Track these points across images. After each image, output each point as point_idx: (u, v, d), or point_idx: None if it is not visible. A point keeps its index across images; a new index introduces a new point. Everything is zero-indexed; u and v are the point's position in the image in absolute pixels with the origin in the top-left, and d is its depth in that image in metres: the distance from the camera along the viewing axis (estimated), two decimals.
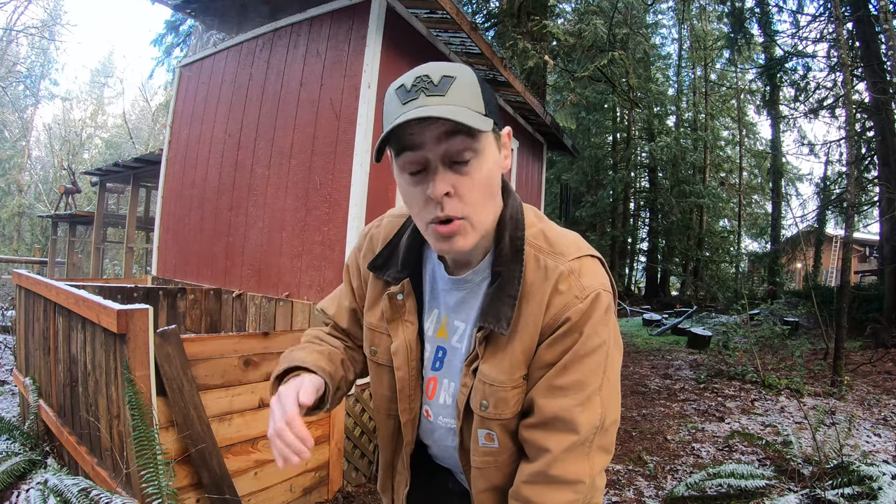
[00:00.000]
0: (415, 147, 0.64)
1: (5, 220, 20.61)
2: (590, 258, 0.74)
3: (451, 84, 0.63)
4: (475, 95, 0.65)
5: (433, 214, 0.67)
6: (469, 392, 0.76)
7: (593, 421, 0.69)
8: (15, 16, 19.13)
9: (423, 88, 0.63)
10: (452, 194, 0.65)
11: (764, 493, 2.75)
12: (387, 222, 0.89)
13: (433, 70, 0.64)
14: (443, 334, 0.81)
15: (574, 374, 0.69)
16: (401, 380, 0.83)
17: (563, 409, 0.69)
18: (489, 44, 3.89)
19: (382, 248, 0.85)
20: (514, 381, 0.72)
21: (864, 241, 19.05)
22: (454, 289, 0.79)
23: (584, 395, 0.69)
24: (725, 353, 6.72)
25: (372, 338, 0.87)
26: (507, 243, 0.73)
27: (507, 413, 0.73)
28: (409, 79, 0.65)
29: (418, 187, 0.67)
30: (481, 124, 0.62)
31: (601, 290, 0.71)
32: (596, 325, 0.69)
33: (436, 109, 0.61)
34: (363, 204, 3.06)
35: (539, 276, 0.72)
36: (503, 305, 0.70)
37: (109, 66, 33.62)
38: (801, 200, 19.17)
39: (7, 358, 5.38)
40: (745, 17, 10.38)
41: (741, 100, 19.43)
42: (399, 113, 0.63)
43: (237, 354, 2.19)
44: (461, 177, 0.65)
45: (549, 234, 0.76)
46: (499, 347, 0.73)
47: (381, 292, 0.85)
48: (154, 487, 1.70)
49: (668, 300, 17.86)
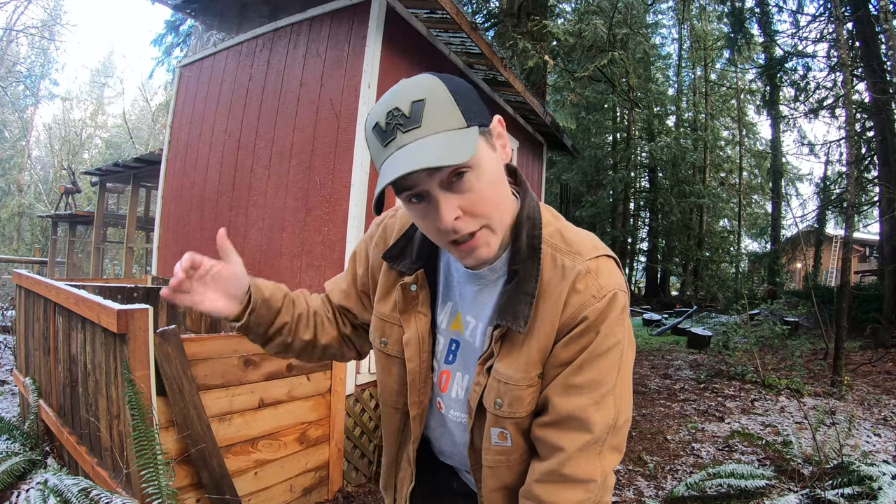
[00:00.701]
0: (409, 187, 0.64)
1: (5, 220, 20.62)
2: (606, 258, 0.74)
3: (423, 109, 0.62)
4: (450, 111, 0.63)
5: (449, 238, 0.67)
6: (482, 390, 0.76)
7: (607, 420, 0.70)
8: (15, 16, 19.15)
9: (397, 126, 0.62)
10: (462, 216, 0.65)
11: (764, 493, 2.75)
12: (402, 213, 0.88)
13: (401, 98, 0.63)
14: (456, 326, 0.81)
15: (589, 373, 0.69)
16: (412, 371, 0.82)
17: (578, 408, 0.69)
18: (489, 44, 3.89)
19: (398, 239, 0.84)
20: (530, 380, 0.72)
21: (864, 241, 19.04)
22: (469, 282, 0.79)
23: (599, 394, 0.69)
24: (725, 353, 6.72)
25: (383, 328, 0.86)
26: (524, 242, 0.73)
27: (521, 412, 0.73)
28: (382, 116, 0.63)
29: (427, 219, 0.67)
30: (464, 150, 0.60)
31: (618, 290, 0.71)
32: (612, 325, 0.70)
33: (418, 149, 0.60)
34: (363, 204, 3.06)
35: (556, 275, 0.72)
36: (521, 304, 0.70)
37: (109, 66, 33.65)
38: (801, 200, 19.19)
39: (7, 358, 5.38)
40: (745, 17, 10.38)
41: (741, 100, 19.45)
42: (383, 157, 0.63)
43: (237, 354, 2.19)
44: (464, 195, 0.64)
45: (566, 234, 0.76)
46: (514, 345, 0.73)
47: (394, 283, 0.84)
48: (154, 487, 1.70)
49: (668, 300, 17.89)
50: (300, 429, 2.49)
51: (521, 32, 7.89)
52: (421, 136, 0.61)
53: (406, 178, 0.62)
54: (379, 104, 0.65)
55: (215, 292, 0.79)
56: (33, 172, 25.27)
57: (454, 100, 0.64)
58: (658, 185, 18.67)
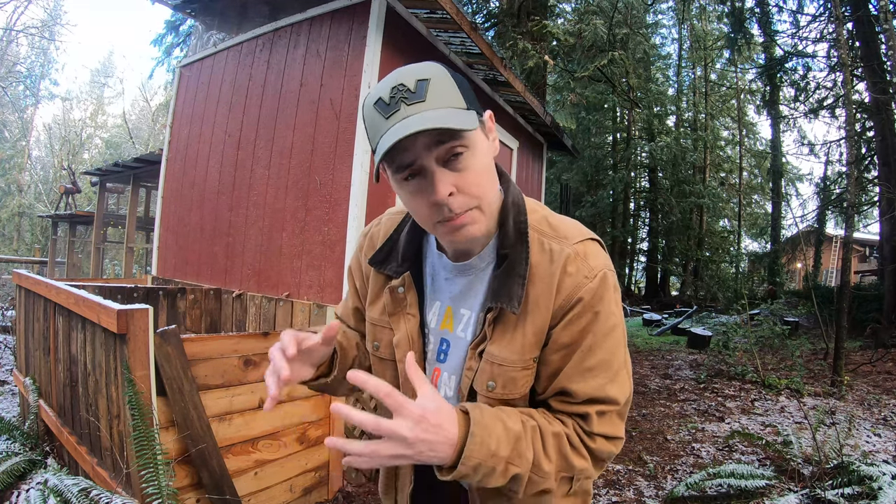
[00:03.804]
0: (408, 160, 0.65)
1: (5, 220, 20.61)
2: (592, 241, 0.77)
3: (428, 86, 0.64)
4: (453, 91, 0.66)
5: (442, 216, 0.68)
6: (474, 375, 0.76)
7: (626, 391, 0.74)
8: (15, 16, 19.15)
9: (402, 98, 0.64)
10: (455, 193, 0.66)
11: (764, 493, 2.75)
12: (386, 220, 0.91)
13: (406, 76, 0.65)
14: (447, 325, 0.82)
15: (599, 354, 0.72)
16: (403, 372, 0.82)
17: (597, 389, 0.72)
18: (489, 44, 3.89)
19: (383, 244, 0.86)
20: (525, 363, 0.74)
21: (864, 241, 19.06)
22: (458, 276, 0.80)
23: (613, 372, 0.73)
24: (725, 353, 6.71)
25: (374, 332, 0.88)
26: (511, 227, 0.75)
27: (514, 394, 0.74)
28: (386, 91, 0.65)
29: (421, 195, 0.67)
30: (468, 123, 0.63)
31: (606, 269, 0.74)
32: (609, 304, 0.72)
33: (421, 119, 0.61)
34: (363, 204, 3.06)
35: (545, 259, 0.73)
36: (514, 285, 0.72)
37: (109, 66, 33.66)
38: (801, 200, 19.17)
39: (7, 358, 5.38)
40: (745, 17, 10.38)
41: (741, 100, 19.44)
42: (385, 128, 0.64)
43: (237, 354, 2.19)
44: (459, 173, 0.66)
45: (552, 220, 0.78)
46: (508, 328, 0.74)
47: (382, 287, 0.86)
48: (154, 487, 1.70)
49: (668, 300, 17.87)
50: (300, 429, 2.49)
51: (521, 32, 7.89)
52: (425, 109, 0.63)
53: (405, 153, 0.64)
54: (381, 83, 0.67)
55: (303, 364, 0.81)
56: (33, 172, 25.26)
57: (457, 83, 0.67)
58: (658, 185, 18.66)
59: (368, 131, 0.69)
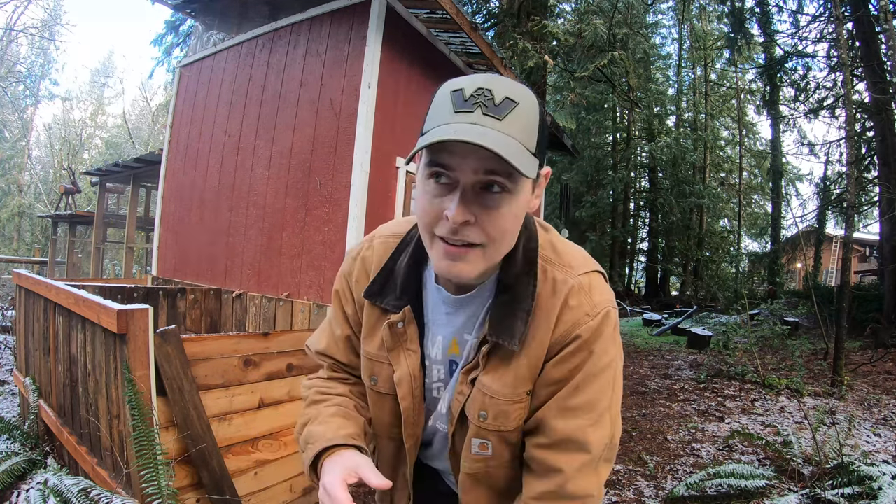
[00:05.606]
0: (448, 163, 0.60)
1: (5, 220, 20.61)
2: (597, 274, 0.73)
3: (512, 110, 0.59)
4: (531, 130, 0.60)
5: (444, 232, 0.62)
6: (465, 400, 0.74)
7: (604, 439, 0.70)
8: (15, 16, 19.15)
9: (481, 104, 0.58)
10: (472, 223, 0.61)
11: (764, 493, 2.75)
12: (378, 244, 0.83)
13: (498, 86, 0.59)
14: (454, 351, 0.79)
15: (585, 395, 0.69)
16: (405, 409, 0.80)
17: (576, 430, 0.68)
18: (489, 44, 3.89)
19: (377, 275, 0.79)
20: (518, 396, 0.71)
21: (864, 241, 19.04)
22: (460, 309, 0.75)
23: (596, 415, 0.69)
24: (725, 353, 6.72)
25: (371, 367, 0.82)
26: (520, 254, 0.71)
27: (507, 426, 0.72)
28: (470, 86, 0.59)
29: (437, 200, 0.62)
30: (527, 168, 0.58)
31: (610, 307, 0.70)
32: (605, 344, 0.69)
33: (487, 136, 0.55)
34: (363, 204, 3.06)
35: (547, 289, 0.70)
36: (517, 320, 0.68)
37: (109, 66, 33.66)
38: (801, 200, 19.15)
39: (7, 358, 5.38)
40: (745, 17, 10.38)
41: (741, 100, 19.43)
42: (448, 121, 0.59)
43: (237, 354, 2.19)
44: (487, 209, 0.61)
45: (557, 246, 0.75)
46: (503, 361, 0.71)
47: (378, 320, 0.80)
48: (154, 487, 1.70)
49: (668, 300, 17.86)
50: None
51: (521, 32, 7.89)
52: (495, 129, 0.57)
53: (451, 156, 0.59)
54: (471, 76, 0.62)
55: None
56: (33, 172, 25.27)
57: (539, 124, 0.62)
58: (658, 185, 18.67)
59: (430, 110, 0.63)
